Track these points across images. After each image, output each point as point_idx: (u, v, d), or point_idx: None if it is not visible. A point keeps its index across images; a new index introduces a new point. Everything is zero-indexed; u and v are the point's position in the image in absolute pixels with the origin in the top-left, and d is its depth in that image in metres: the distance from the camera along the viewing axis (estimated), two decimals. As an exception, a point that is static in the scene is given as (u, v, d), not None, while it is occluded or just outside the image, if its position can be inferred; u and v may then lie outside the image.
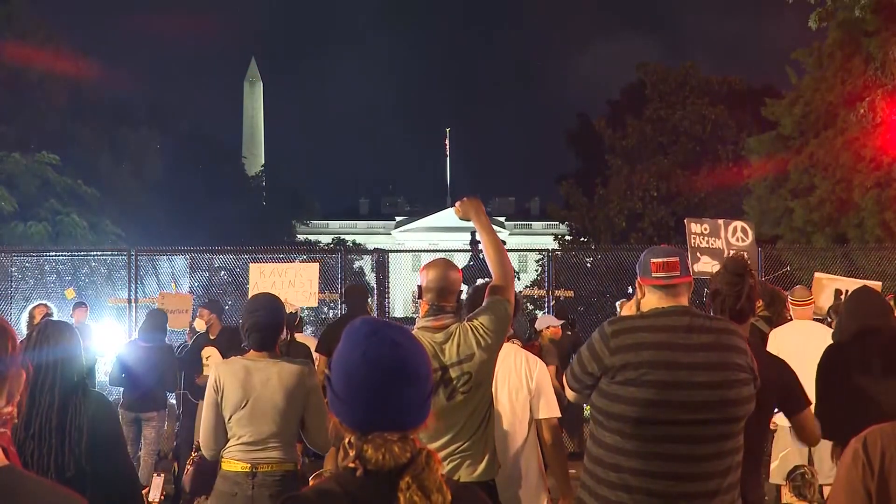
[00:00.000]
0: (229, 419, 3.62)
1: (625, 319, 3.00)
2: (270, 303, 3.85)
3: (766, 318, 6.47)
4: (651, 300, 2.98)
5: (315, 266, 9.53)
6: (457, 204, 3.58)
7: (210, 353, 7.67)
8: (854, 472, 1.83)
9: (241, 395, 3.59)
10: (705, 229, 7.85)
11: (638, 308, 3.06)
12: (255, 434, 3.59)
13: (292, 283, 9.01)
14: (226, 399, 3.62)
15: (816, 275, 8.93)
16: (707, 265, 7.78)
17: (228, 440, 3.66)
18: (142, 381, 7.53)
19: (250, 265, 9.64)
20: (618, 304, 8.03)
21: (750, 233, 7.91)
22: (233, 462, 3.61)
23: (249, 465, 3.57)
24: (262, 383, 3.61)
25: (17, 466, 1.51)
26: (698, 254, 7.87)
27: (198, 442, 4.20)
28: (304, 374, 3.70)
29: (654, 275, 2.96)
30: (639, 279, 3.05)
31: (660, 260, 2.97)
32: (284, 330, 7.33)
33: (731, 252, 7.58)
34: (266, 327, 3.74)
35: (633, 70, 33.55)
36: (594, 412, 2.94)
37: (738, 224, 8.01)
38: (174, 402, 9.56)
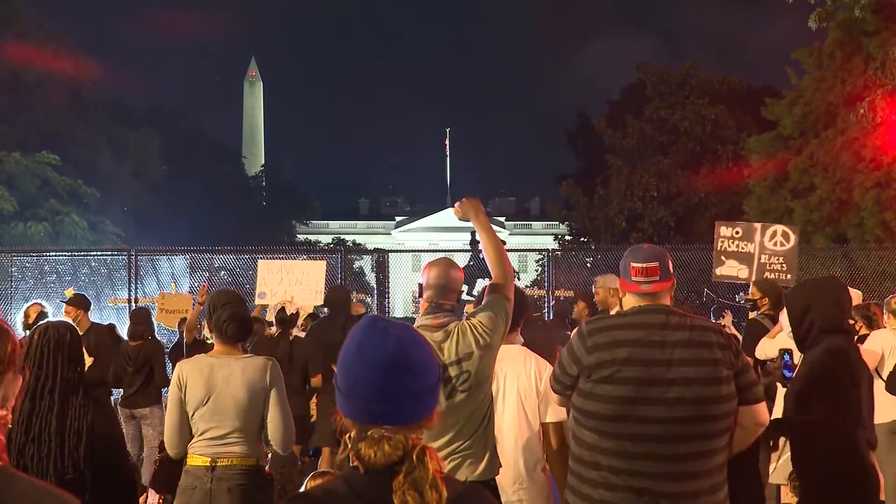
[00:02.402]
0: (192, 415, 3.65)
1: (602, 319, 3.05)
2: (239, 296, 3.95)
3: (771, 315, 6.47)
4: (630, 300, 3.02)
5: (322, 264, 9.50)
6: (456, 205, 3.59)
7: None
8: None
9: (203, 392, 3.62)
10: (737, 233, 7.59)
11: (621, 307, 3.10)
12: (217, 430, 3.62)
13: (300, 282, 8.97)
14: (189, 395, 3.65)
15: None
16: (733, 269, 7.56)
17: (193, 437, 3.69)
18: (133, 377, 7.58)
19: (258, 261, 9.61)
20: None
21: (792, 237, 7.50)
22: (195, 457, 3.65)
23: (209, 459, 3.60)
24: (224, 379, 3.64)
25: (8, 467, 1.51)
26: (723, 257, 7.63)
27: (162, 440, 4.23)
28: (267, 370, 3.72)
29: (633, 279, 3.00)
30: (620, 279, 3.09)
31: (639, 265, 2.98)
32: (276, 327, 7.34)
33: (765, 256, 7.47)
34: (243, 318, 3.80)
35: (633, 70, 33.53)
36: (574, 412, 2.96)
37: (780, 228, 7.63)
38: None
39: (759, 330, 6.50)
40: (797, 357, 3.89)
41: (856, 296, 6.98)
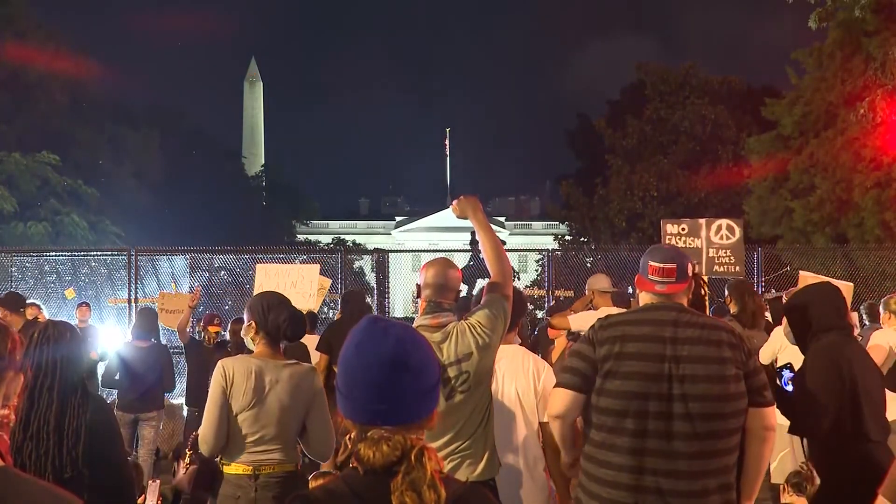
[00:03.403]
0: (236, 416, 3.58)
1: (614, 315, 3.08)
2: (286, 297, 3.95)
3: (737, 317, 6.44)
4: (645, 298, 3.06)
5: (315, 268, 9.44)
6: (454, 202, 3.57)
7: None
8: None
9: (250, 394, 3.57)
10: (683, 229, 7.64)
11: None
12: (259, 434, 3.57)
13: (294, 285, 8.94)
14: (234, 396, 3.59)
15: (801, 273, 8.84)
16: None
17: (229, 439, 3.60)
18: (141, 380, 7.48)
19: (256, 266, 9.56)
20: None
21: (737, 230, 7.57)
22: (234, 465, 3.58)
23: (251, 468, 3.55)
24: (272, 384, 3.60)
25: (10, 468, 1.50)
26: None
27: (192, 438, 4.13)
28: (312, 377, 3.70)
29: (650, 277, 3.02)
30: (638, 276, 3.11)
31: (657, 265, 3.01)
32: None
33: (712, 250, 7.48)
34: (300, 317, 3.82)
35: (633, 70, 33.51)
36: (585, 410, 2.96)
37: (724, 222, 7.67)
38: (174, 402, 9.53)
39: None
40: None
41: (846, 288, 6.94)
